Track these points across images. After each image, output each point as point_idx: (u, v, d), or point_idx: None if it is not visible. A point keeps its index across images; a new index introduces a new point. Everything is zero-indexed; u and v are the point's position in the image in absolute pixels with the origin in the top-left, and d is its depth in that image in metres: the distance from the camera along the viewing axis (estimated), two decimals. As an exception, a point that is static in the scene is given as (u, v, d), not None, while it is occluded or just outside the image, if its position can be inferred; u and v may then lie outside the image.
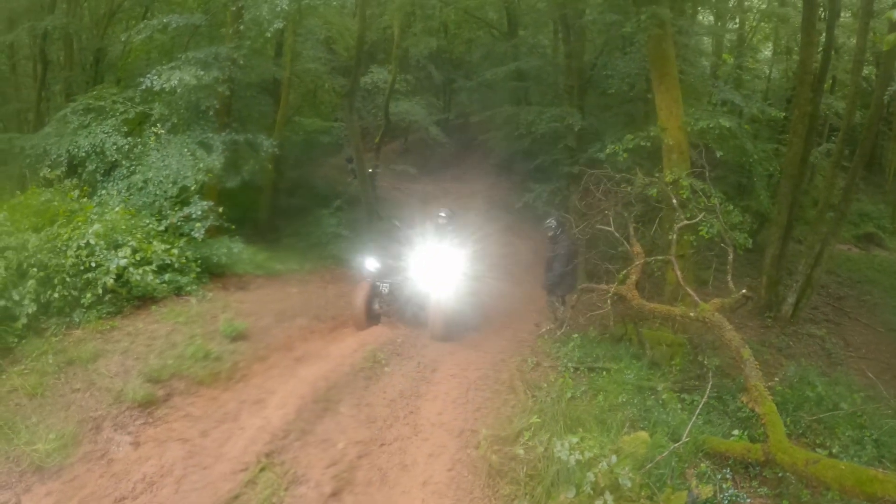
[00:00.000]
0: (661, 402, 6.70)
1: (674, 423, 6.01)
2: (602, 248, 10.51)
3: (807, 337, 11.84)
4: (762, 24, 20.20)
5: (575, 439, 4.95)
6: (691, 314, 7.09)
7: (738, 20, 19.97)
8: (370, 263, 10.07)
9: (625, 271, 8.52)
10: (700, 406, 6.22)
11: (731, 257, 8.26)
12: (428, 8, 19.41)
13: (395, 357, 8.15)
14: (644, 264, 8.66)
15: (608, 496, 4.46)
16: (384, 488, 5.04)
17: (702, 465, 5.33)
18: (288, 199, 16.55)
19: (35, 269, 7.15)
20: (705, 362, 7.38)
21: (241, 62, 11.63)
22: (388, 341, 8.71)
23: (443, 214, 10.71)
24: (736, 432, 6.13)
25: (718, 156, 10.55)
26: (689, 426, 5.64)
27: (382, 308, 9.99)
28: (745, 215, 9.97)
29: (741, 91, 14.15)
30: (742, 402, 6.32)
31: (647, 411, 6.33)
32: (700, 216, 8.65)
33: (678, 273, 7.79)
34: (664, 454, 5.07)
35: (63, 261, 7.44)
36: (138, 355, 6.85)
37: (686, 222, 8.54)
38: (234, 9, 11.39)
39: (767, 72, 20.46)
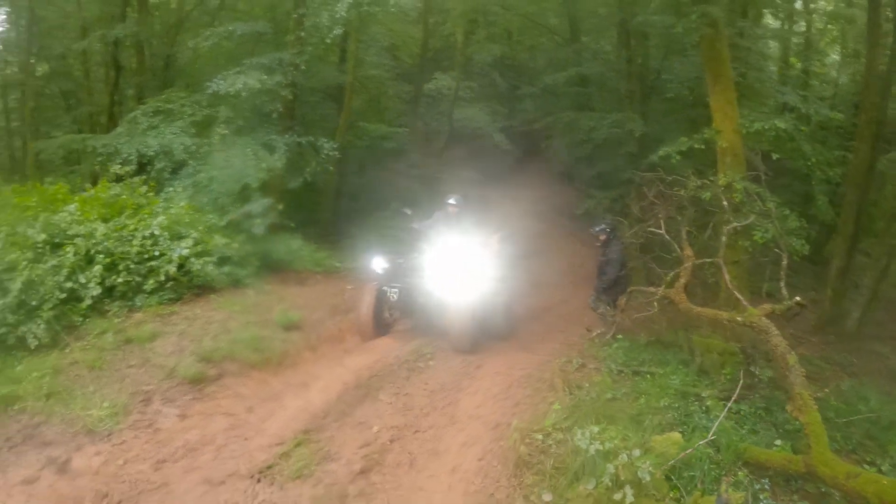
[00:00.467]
0: (704, 408, 6.62)
1: (716, 429, 5.84)
2: (657, 252, 10.45)
3: (870, 354, 11.34)
4: (829, 26, 19.62)
5: (596, 429, 5.05)
6: (738, 318, 7.01)
7: (804, 23, 19.40)
8: (377, 264, 8.95)
9: (672, 274, 8.53)
10: (728, 407, 6.24)
11: (784, 263, 8.09)
12: (491, 15, 19.66)
13: (442, 352, 8.39)
14: (694, 268, 8.60)
15: (628, 490, 4.46)
16: (412, 471, 5.24)
17: (739, 473, 5.27)
18: (350, 202, 17.13)
19: (102, 256, 7.73)
20: (757, 373, 7.26)
21: (303, 67, 12.17)
22: (437, 338, 8.89)
23: (453, 202, 9.56)
24: (778, 443, 6.00)
25: (774, 158, 10.33)
26: (716, 425, 5.65)
27: (393, 316, 9.30)
28: (802, 221, 9.69)
29: (806, 95, 13.78)
30: (787, 410, 6.08)
31: (688, 416, 6.32)
32: (751, 219, 8.55)
33: (726, 276, 7.73)
34: (688, 451, 5.10)
35: (128, 249, 8.00)
36: (193, 338, 7.31)
37: (735, 224, 8.43)
38: (295, 16, 11.92)
39: (835, 76, 19.88)
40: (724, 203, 8.59)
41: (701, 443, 5.30)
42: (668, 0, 13.24)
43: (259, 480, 5.07)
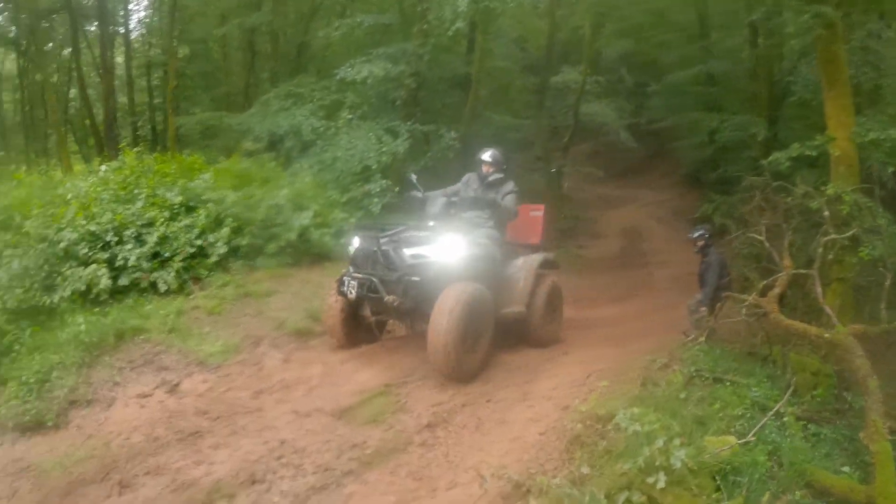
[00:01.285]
0: (780, 424, 6.53)
1: (783, 445, 5.93)
2: (764, 262, 10.39)
3: None
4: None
5: (636, 410, 5.45)
6: (826, 335, 7.01)
7: None
8: (357, 244, 7.33)
9: (766, 281, 8.50)
10: (774, 407, 6.38)
11: (887, 283, 8.00)
12: (619, 9, 19.73)
13: None
14: (796, 280, 8.55)
15: (661, 476, 4.63)
16: (475, 433, 5.87)
17: (797, 492, 5.33)
18: None
19: (230, 220, 8.99)
20: (849, 399, 7.24)
21: (427, 58, 13.00)
22: None
23: (488, 158, 8.19)
24: (846, 469, 6.00)
25: (890, 171, 10.02)
26: (759, 426, 5.86)
27: (376, 315, 7.64)
28: None
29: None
30: (860, 436, 6.04)
31: (760, 429, 6.19)
32: (851, 233, 8.46)
33: (818, 290, 7.73)
34: (725, 448, 5.25)
35: (254, 216, 9.22)
36: (305, 298, 8.42)
37: (833, 236, 8.38)
38: (420, 10, 12.78)
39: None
40: (825, 214, 8.51)
41: (738, 441, 5.45)
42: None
43: (339, 418, 5.97)
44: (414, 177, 8.35)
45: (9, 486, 5.27)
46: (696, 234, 10.15)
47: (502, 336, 7.81)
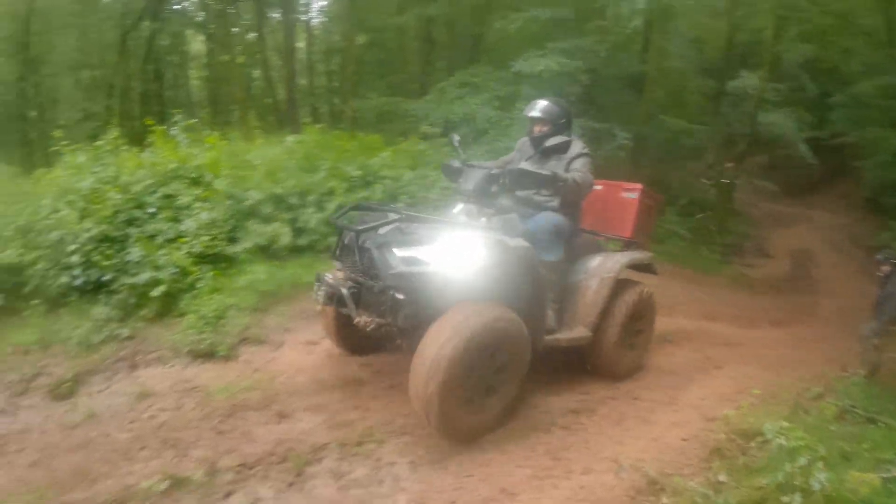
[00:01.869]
0: None
1: None
2: None
3: None
4: None
5: (785, 424, 5.53)
6: None
7: None
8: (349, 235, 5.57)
9: None
10: None
11: None
12: (802, 11, 18.83)
13: (687, 343, 9.34)
14: None
15: (797, 497, 4.60)
16: (616, 427, 6.17)
17: None
18: None
19: (405, 196, 9.80)
20: None
21: (602, 55, 13.23)
22: (685, 330, 9.94)
23: (538, 113, 6.39)
24: None
25: None
26: None
27: (370, 325, 5.14)
28: None
29: None
30: None
31: None
32: None
33: None
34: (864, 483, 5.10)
35: (427, 194, 9.99)
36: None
37: None
38: (596, 5, 13.04)
39: None
40: None
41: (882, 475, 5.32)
42: None
43: None
44: (457, 138, 6.74)
45: (175, 400, 6.14)
46: (883, 257, 9.70)
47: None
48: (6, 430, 5.75)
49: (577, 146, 6.26)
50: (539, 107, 6.39)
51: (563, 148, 6.12)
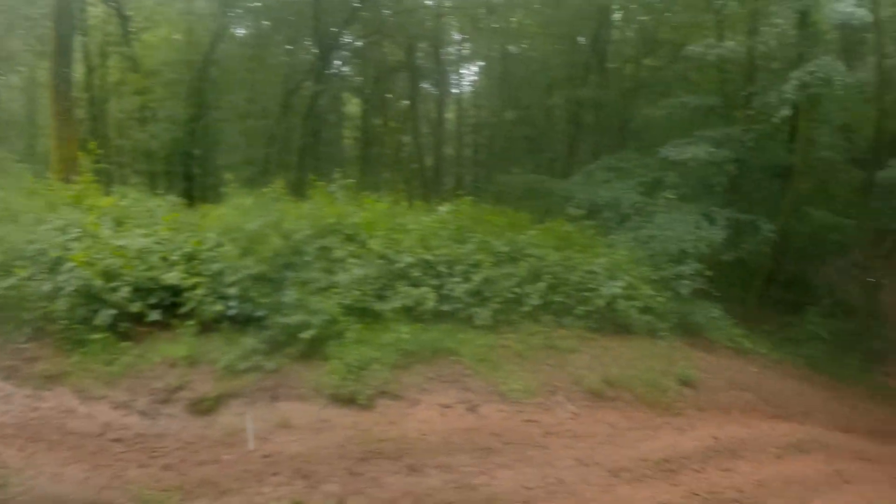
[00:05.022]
0: None
1: None
2: None
3: None
4: None
5: None
6: None
7: None
8: None
9: None
10: None
11: None
12: None
13: (818, 453, 8.81)
14: None
15: None
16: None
17: None
18: (783, 291, 16.91)
19: (548, 276, 9.94)
20: None
21: (750, 144, 13.04)
22: (817, 440, 9.31)
23: None
24: None
25: None
26: None
27: None
28: None
29: None
30: None
31: None
32: None
33: None
34: None
35: (570, 276, 10.09)
36: (603, 362, 9.00)
37: None
38: (744, 94, 12.90)
39: None
40: None
41: None
42: None
43: (616, 476, 6.67)
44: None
45: (312, 436, 6.55)
46: None
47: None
48: (145, 431, 6.23)
49: None
50: None
51: None
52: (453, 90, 29.50)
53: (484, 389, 7.79)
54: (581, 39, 20.89)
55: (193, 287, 8.05)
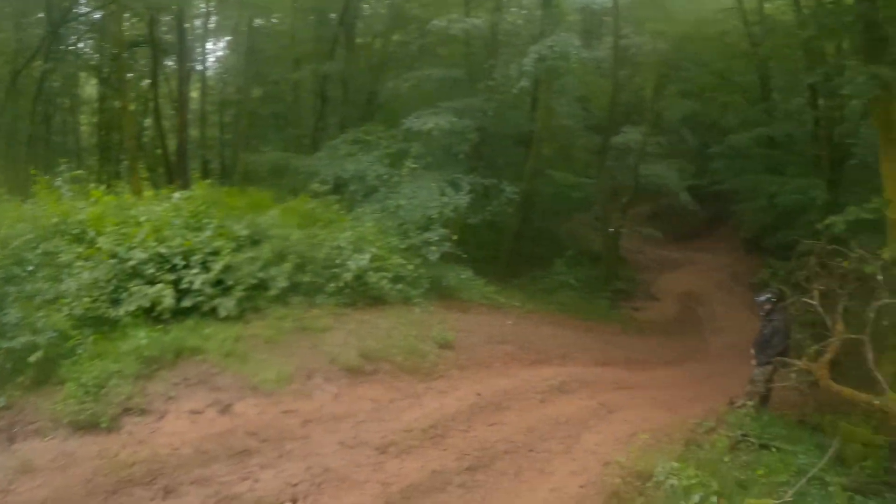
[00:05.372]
0: (826, 493, 6.40)
1: None
2: (818, 329, 10.12)
3: None
4: None
5: (676, 465, 5.54)
6: (875, 402, 6.93)
7: None
8: None
9: (817, 347, 8.35)
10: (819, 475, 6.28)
11: None
12: (682, 69, 19.94)
13: (582, 388, 9.35)
14: (849, 346, 8.18)
15: None
16: (515, 480, 6.07)
17: None
18: (532, 245, 18.09)
19: (293, 256, 9.42)
20: None
21: (491, 114, 13.46)
22: (578, 378, 9.87)
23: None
24: None
25: None
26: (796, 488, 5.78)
27: None
28: None
29: None
30: None
31: (802, 496, 6.17)
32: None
33: (869, 356, 7.49)
34: None
35: (316, 254, 9.68)
36: (360, 337, 8.72)
37: (885, 301, 7.99)
38: (486, 66, 13.30)
39: None
40: (879, 278, 8.19)
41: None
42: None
43: (383, 452, 6.31)
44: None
45: (57, 476, 5.65)
46: (764, 298, 9.99)
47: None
48: None
49: None
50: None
51: None
52: (198, 67, 27.20)
53: (235, 386, 7.18)
54: (332, 15, 20.39)
55: None
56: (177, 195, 10.55)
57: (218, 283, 8.65)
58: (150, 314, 8.04)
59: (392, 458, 6.29)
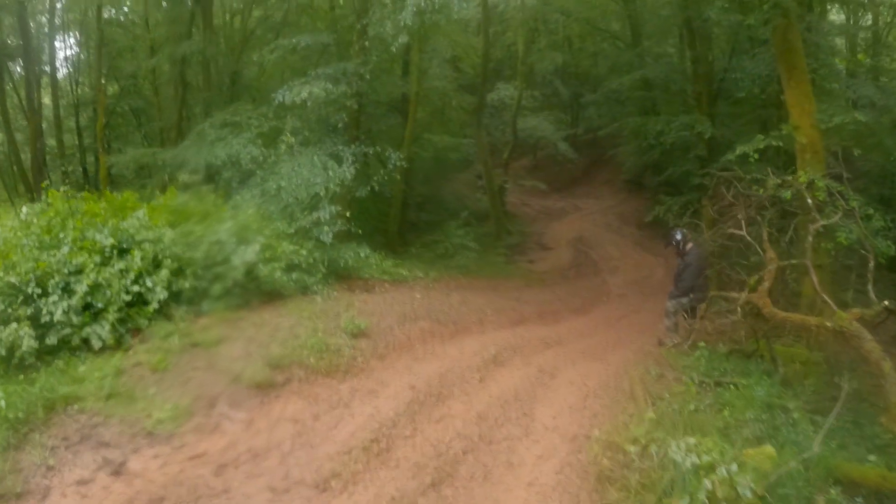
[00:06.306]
0: (791, 421, 6.06)
1: (804, 443, 5.43)
2: (735, 258, 9.85)
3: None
4: (896, 19, 18.37)
5: (692, 440, 4.59)
6: (828, 324, 6.39)
7: (871, 17, 18.09)
8: None
9: (756, 277, 7.84)
10: (828, 424, 5.62)
11: (871, 265, 7.27)
12: (551, 23, 19.39)
13: (516, 357, 8.24)
14: (778, 271, 7.90)
15: None
16: (486, 484, 4.89)
17: (832, 491, 4.77)
18: (418, 212, 17.23)
19: (169, 261, 7.64)
20: (842, 384, 6.54)
21: (368, 77, 12.09)
22: (505, 344, 8.76)
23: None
24: (872, 458, 5.45)
25: (856, 154, 9.55)
26: (819, 437, 5.15)
27: None
28: (887, 220, 8.93)
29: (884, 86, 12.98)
30: (882, 424, 5.65)
31: (776, 429, 5.79)
32: (837, 218, 7.84)
33: (815, 280, 7.08)
34: (789, 466, 4.61)
35: (195, 254, 7.87)
36: (261, 343, 7.10)
37: (820, 224, 7.75)
38: (359, 26, 11.87)
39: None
40: (809, 202, 7.90)
41: (803, 456, 4.83)
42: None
43: (324, 490, 4.84)
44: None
45: None
46: (678, 239, 9.50)
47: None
48: None
49: None
50: None
51: None
52: (46, 69, 23.87)
53: (125, 436, 5.48)
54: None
55: None
56: (24, 210, 8.54)
57: (85, 307, 6.85)
58: (8, 363, 6.21)
59: (337, 494, 4.83)
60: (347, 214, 10.41)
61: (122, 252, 7.63)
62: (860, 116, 9.41)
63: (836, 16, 18.39)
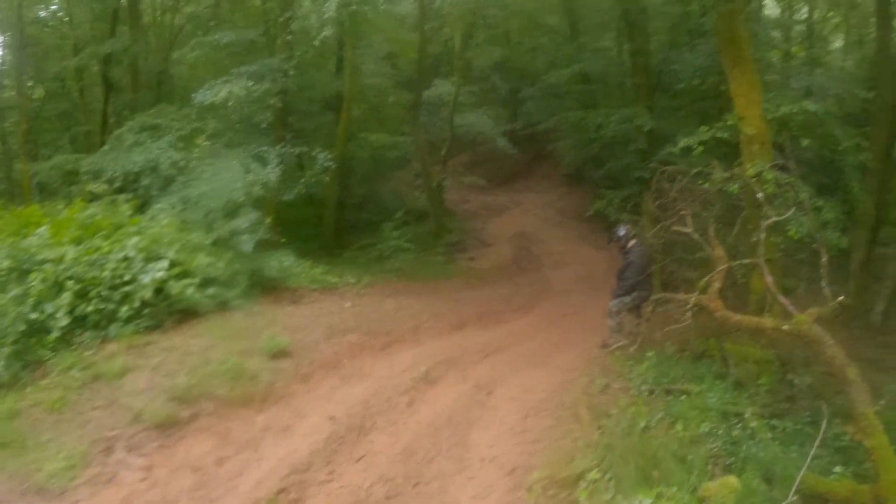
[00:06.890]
0: (749, 431, 5.61)
1: (766, 458, 5.02)
2: (679, 254, 9.32)
3: (898, 347, 10.28)
4: (831, 13, 18.67)
5: (648, 500, 3.89)
6: (785, 327, 5.81)
7: (806, 10, 18.29)
8: None
9: (706, 278, 7.29)
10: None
11: (823, 259, 6.77)
12: (489, 17, 18.79)
13: (451, 373, 7.44)
14: (728, 270, 7.40)
15: None
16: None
17: None
18: (355, 213, 16.34)
19: (71, 282, 6.71)
20: (795, 381, 6.48)
21: (293, 73, 11.29)
22: (440, 356, 8.00)
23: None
24: (838, 469, 5.06)
25: (805, 144, 9.27)
26: (800, 475, 4.54)
27: None
28: (837, 212, 8.65)
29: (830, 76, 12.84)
30: (847, 431, 5.13)
31: (735, 444, 5.29)
32: (791, 212, 7.32)
33: (768, 279, 6.51)
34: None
35: (100, 273, 6.92)
36: (168, 372, 6.20)
37: (774, 218, 7.21)
38: (282, 20, 11.03)
39: (841, 63, 18.81)
40: (759, 195, 7.37)
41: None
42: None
43: None
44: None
45: None
46: (621, 234, 8.96)
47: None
48: None
49: None
50: None
51: None
52: None
53: (15, 493, 4.59)
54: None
55: None
56: None
57: (-25, 341, 5.82)
58: None
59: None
60: (268, 221, 9.55)
61: (21, 274, 6.70)
62: (810, 106, 9.04)
63: (770, 11, 18.30)
